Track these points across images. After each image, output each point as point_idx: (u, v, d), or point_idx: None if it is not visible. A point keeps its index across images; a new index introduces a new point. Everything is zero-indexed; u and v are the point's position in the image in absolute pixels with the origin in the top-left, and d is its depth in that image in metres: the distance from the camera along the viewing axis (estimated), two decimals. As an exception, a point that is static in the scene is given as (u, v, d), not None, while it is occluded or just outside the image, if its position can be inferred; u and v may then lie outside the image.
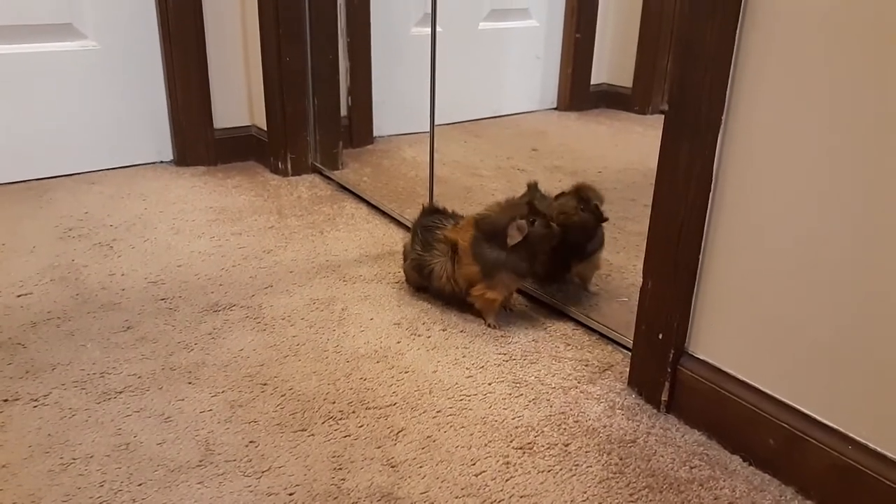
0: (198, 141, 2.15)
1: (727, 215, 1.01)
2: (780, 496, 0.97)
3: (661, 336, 1.11)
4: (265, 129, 2.13)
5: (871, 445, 0.91)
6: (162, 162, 2.17)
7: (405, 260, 1.48)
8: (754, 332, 1.01)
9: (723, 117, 0.98)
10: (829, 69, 0.86)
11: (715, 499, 0.96)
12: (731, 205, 1.00)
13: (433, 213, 1.43)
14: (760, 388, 1.02)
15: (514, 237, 1.28)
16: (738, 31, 0.94)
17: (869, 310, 0.88)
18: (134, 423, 1.07)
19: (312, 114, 2.09)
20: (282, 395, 1.14)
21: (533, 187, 1.54)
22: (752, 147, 0.96)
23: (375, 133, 2.42)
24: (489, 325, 1.35)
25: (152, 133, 2.14)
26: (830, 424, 0.95)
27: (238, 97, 2.19)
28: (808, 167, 0.91)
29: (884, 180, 0.84)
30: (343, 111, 2.27)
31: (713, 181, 1.01)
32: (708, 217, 1.03)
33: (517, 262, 1.30)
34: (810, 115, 0.89)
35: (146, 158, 2.15)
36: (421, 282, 1.44)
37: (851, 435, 0.92)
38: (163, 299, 1.41)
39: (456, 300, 1.40)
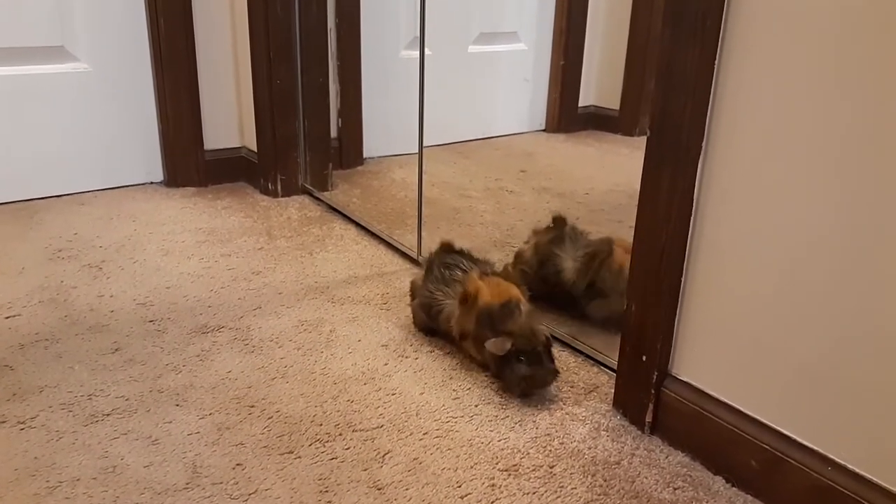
0: (188, 162, 2.16)
1: (708, 240, 1.03)
2: (762, 517, 0.98)
3: (644, 358, 1.12)
4: (255, 150, 2.15)
5: (850, 467, 0.92)
6: (152, 183, 2.18)
7: (412, 298, 1.42)
8: (736, 355, 1.03)
9: (703, 144, 1.00)
10: (808, 99, 0.89)
11: (698, 520, 0.97)
12: (712, 230, 1.02)
13: (452, 252, 1.39)
14: (742, 409, 1.03)
15: (492, 345, 1.19)
16: (717, 60, 0.97)
17: (848, 333, 0.90)
18: (121, 445, 1.07)
19: (302, 135, 2.11)
20: (269, 418, 1.14)
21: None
22: (733, 174, 0.98)
23: (365, 154, 2.44)
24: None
25: (143, 154, 2.15)
26: (810, 446, 0.96)
27: (228, 119, 2.21)
28: (787, 195, 0.93)
29: (863, 208, 0.86)
30: (333, 133, 2.29)
31: (694, 207, 1.03)
32: (689, 242, 1.05)
33: (494, 363, 1.23)
34: (790, 142, 0.91)
35: (136, 179, 2.16)
36: (428, 322, 1.37)
37: (831, 456, 0.94)
38: (151, 321, 1.42)
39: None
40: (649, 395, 1.12)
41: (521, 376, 1.19)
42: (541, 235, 1.53)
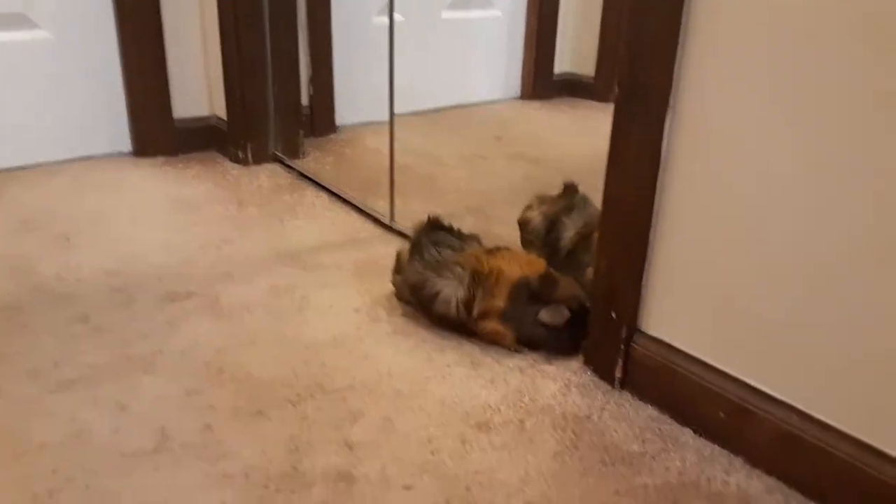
0: (156, 131, 2.12)
1: (676, 196, 1.03)
2: (730, 466, 0.99)
3: (614, 315, 1.13)
4: (225, 118, 2.11)
5: (815, 415, 0.93)
6: (120, 153, 2.14)
7: (396, 272, 1.35)
8: (704, 309, 1.03)
9: (670, 99, 0.99)
10: (774, 53, 0.88)
11: (666, 470, 0.98)
12: (679, 186, 1.02)
13: (441, 229, 1.32)
14: (710, 362, 1.04)
15: (551, 317, 1.20)
16: (684, 15, 0.96)
17: (811, 285, 0.90)
18: (88, 411, 1.06)
19: (272, 102, 2.08)
20: (239, 381, 1.13)
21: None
22: (700, 129, 0.98)
23: (338, 122, 2.41)
24: (513, 350, 1.24)
25: (110, 124, 2.10)
26: (776, 396, 0.97)
27: (197, 86, 2.17)
28: (754, 149, 0.93)
29: (830, 161, 0.86)
30: (304, 100, 2.26)
31: (661, 162, 1.02)
32: (657, 197, 1.04)
33: (536, 334, 1.22)
34: (756, 97, 0.91)
35: (104, 150, 2.12)
36: (412, 301, 1.31)
37: (796, 405, 0.95)
38: (119, 289, 1.40)
39: (458, 329, 1.26)
40: (619, 351, 1.13)
41: (579, 340, 1.21)
42: (550, 204, 1.48)
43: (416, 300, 1.29)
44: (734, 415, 1.01)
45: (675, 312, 1.08)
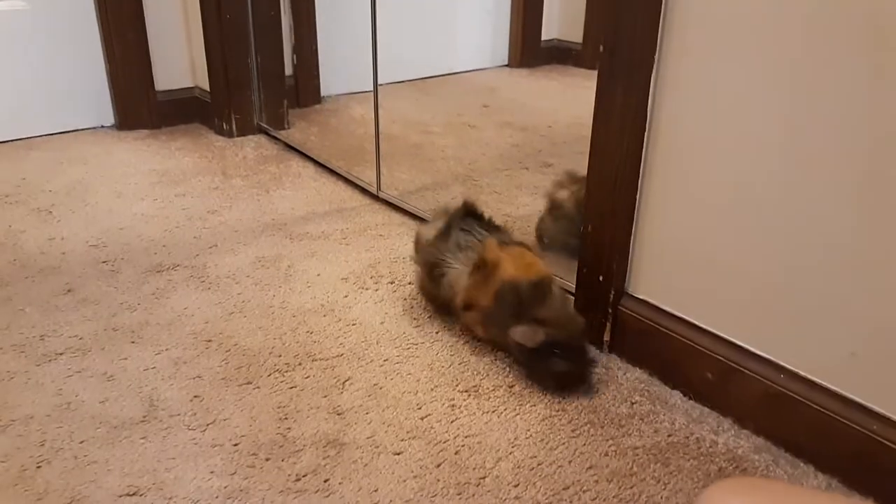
0: (139, 104, 2.09)
1: (661, 157, 1.02)
2: (718, 426, 1.00)
3: (601, 278, 1.12)
4: (208, 89, 2.08)
5: (802, 373, 0.94)
6: (103, 127, 2.11)
7: (417, 248, 1.27)
8: (691, 271, 1.03)
9: (655, 59, 0.98)
10: (759, 10, 0.87)
11: (655, 431, 0.98)
12: (664, 147, 1.01)
13: (475, 217, 1.22)
14: (698, 323, 1.04)
15: (520, 334, 1.04)
16: (668, -30, 0.94)
17: (797, 244, 0.90)
18: (75, 383, 1.05)
19: (256, 73, 2.05)
20: (227, 351, 1.13)
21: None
22: (685, 89, 0.97)
23: (323, 92, 2.39)
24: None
25: (91, 97, 2.07)
26: (763, 355, 0.97)
27: (179, 58, 2.13)
28: (739, 109, 0.92)
29: (811, 117, 0.85)
30: (288, 70, 2.23)
31: (647, 123, 1.01)
32: (643, 159, 1.04)
33: (514, 348, 1.07)
34: (742, 55, 0.90)
35: (86, 123, 2.09)
36: (429, 285, 1.21)
37: (783, 364, 0.95)
38: (104, 262, 1.39)
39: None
40: (606, 315, 1.13)
41: (558, 373, 1.04)
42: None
43: (430, 280, 1.20)
44: (722, 375, 1.01)
45: (662, 275, 1.07)
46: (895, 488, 0.85)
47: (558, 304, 1.07)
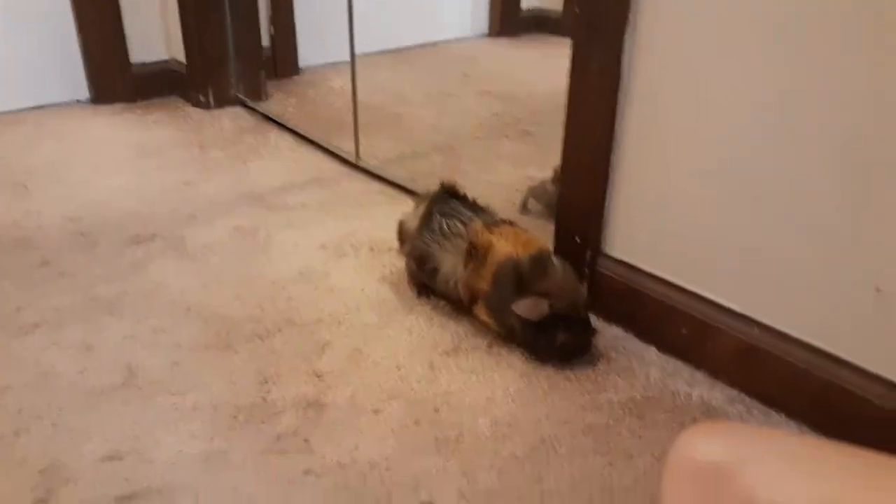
0: (114, 77, 2.06)
1: (636, 119, 1.02)
2: (692, 379, 1.01)
3: (577, 239, 1.13)
4: (184, 61, 2.06)
5: (775, 326, 0.95)
6: (78, 101, 2.08)
7: (401, 243, 1.23)
8: (666, 229, 1.04)
9: (629, 15, 0.98)
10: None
11: (630, 386, 1.00)
12: (638, 108, 1.01)
13: (454, 198, 1.17)
14: (673, 281, 1.05)
15: (524, 308, 1.01)
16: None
17: (770, 201, 0.91)
18: (53, 354, 1.05)
19: (232, 44, 2.02)
20: (205, 319, 1.13)
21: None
22: (658, 50, 0.97)
23: (301, 63, 2.37)
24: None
25: (65, 71, 2.04)
26: (737, 310, 0.99)
27: (154, 29, 2.10)
28: (713, 65, 0.92)
29: (786, 79, 0.86)
30: (265, 41, 2.21)
31: (621, 85, 1.01)
32: (617, 119, 1.04)
33: (518, 326, 1.03)
34: (713, 17, 0.90)
35: (61, 98, 2.06)
36: (420, 277, 1.17)
37: (755, 317, 0.97)
38: (82, 234, 1.38)
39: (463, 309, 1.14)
40: (584, 275, 1.13)
41: (562, 344, 1.01)
42: None
43: (426, 277, 1.15)
44: (697, 330, 1.02)
45: (638, 233, 1.08)
46: (862, 433, 0.86)
47: (560, 275, 1.03)
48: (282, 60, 2.29)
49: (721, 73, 0.91)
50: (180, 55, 2.07)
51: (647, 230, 1.07)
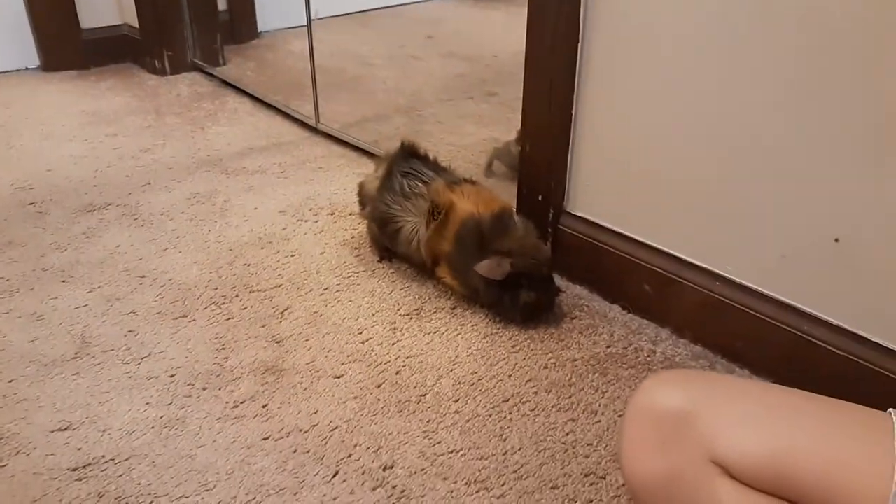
0: (64, 44, 1.99)
1: (597, 69, 1.00)
2: (657, 336, 1.01)
3: (540, 198, 1.12)
4: (137, 26, 1.99)
5: (736, 279, 0.95)
6: (27, 69, 2.01)
7: (362, 206, 1.19)
8: (628, 185, 1.03)
9: (587, -35, 0.96)
10: None
11: (594, 343, 0.99)
12: (599, 57, 0.99)
13: (414, 157, 1.14)
14: (636, 237, 1.05)
15: (486, 269, 0.99)
16: None
17: (729, 155, 0.90)
18: (3, 324, 1.02)
19: (187, 7, 1.96)
20: (161, 286, 1.10)
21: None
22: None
23: (260, 28, 2.31)
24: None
25: (12, 38, 1.97)
26: (700, 264, 0.98)
27: (104, -7, 2.03)
28: (670, 20, 0.90)
29: (746, 29, 0.84)
30: (223, 6, 2.14)
31: (581, 32, 0.99)
32: (577, 72, 1.02)
33: (481, 287, 1.02)
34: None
35: (9, 66, 1.99)
36: (382, 240, 1.15)
37: (718, 272, 0.96)
38: (31, 203, 1.33)
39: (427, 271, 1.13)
40: (546, 233, 1.12)
41: (525, 303, 1.00)
42: None
43: (387, 238, 1.13)
44: (660, 287, 1.02)
45: (600, 190, 1.07)
46: (825, 384, 0.87)
47: (522, 233, 1.02)
48: (240, 24, 2.23)
49: (679, 22, 0.89)
50: (133, 20, 2.00)
51: (609, 187, 1.05)
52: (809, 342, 0.88)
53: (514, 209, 1.09)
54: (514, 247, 1.00)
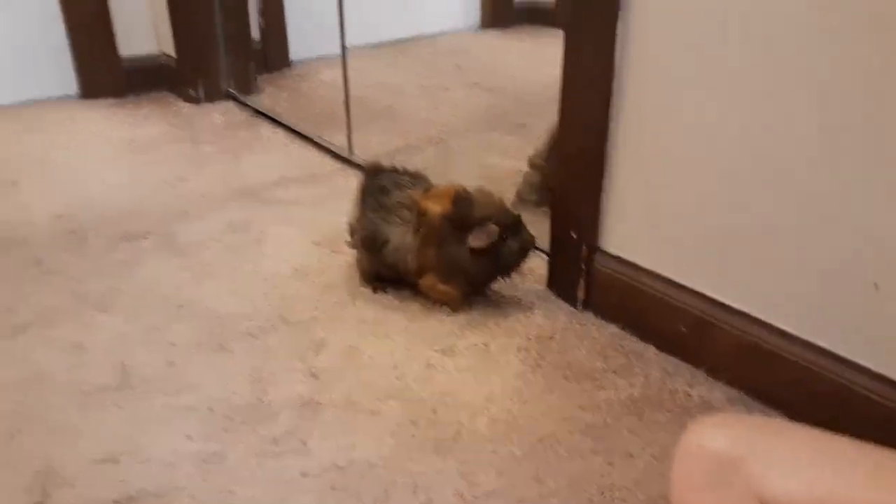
0: (103, 72, 2.04)
1: (631, 107, 1.01)
2: (692, 378, 1.01)
3: (574, 235, 1.12)
4: (174, 55, 2.04)
5: (772, 322, 0.95)
6: (67, 96, 2.05)
7: (352, 235, 1.19)
8: (663, 225, 1.03)
9: (619, 10, 0.97)
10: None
11: (629, 385, 0.99)
12: (634, 96, 1.00)
13: (384, 172, 1.17)
14: (671, 277, 1.05)
15: (478, 240, 1.06)
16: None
17: (766, 197, 0.90)
18: (46, 353, 1.04)
19: (222, 37, 2.00)
20: (199, 317, 1.12)
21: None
22: (652, 37, 0.96)
23: (293, 57, 2.35)
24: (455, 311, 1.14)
25: (53, 65, 2.01)
26: (736, 307, 0.98)
27: (143, 22, 2.08)
28: (703, 58, 0.91)
29: (780, 76, 0.85)
30: (256, 34, 2.18)
31: (615, 72, 1.00)
32: (612, 113, 1.03)
33: (476, 267, 1.09)
34: (704, 10, 0.89)
35: (49, 93, 2.04)
36: (374, 265, 1.16)
37: (753, 314, 0.96)
38: (72, 232, 1.36)
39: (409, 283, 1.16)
40: (580, 272, 1.13)
41: (517, 250, 1.09)
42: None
43: (377, 256, 1.14)
44: (695, 328, 1.02)
45: (635, 229, 1.07)
46: (865, 432, 0.86)
47: (483, 197, 1.10)
48: (272, 54, 2.27)
49: (716, 64, 0.90)
50: (170, 49, 2.05)
51: (643, 225, 1.06)
52: (849, 388, 0.87)
53: (463, 187, 1.12)
54: (487, 212, 1.08)
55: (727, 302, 0.99)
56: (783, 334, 0.94)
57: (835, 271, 0.87)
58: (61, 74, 2.03)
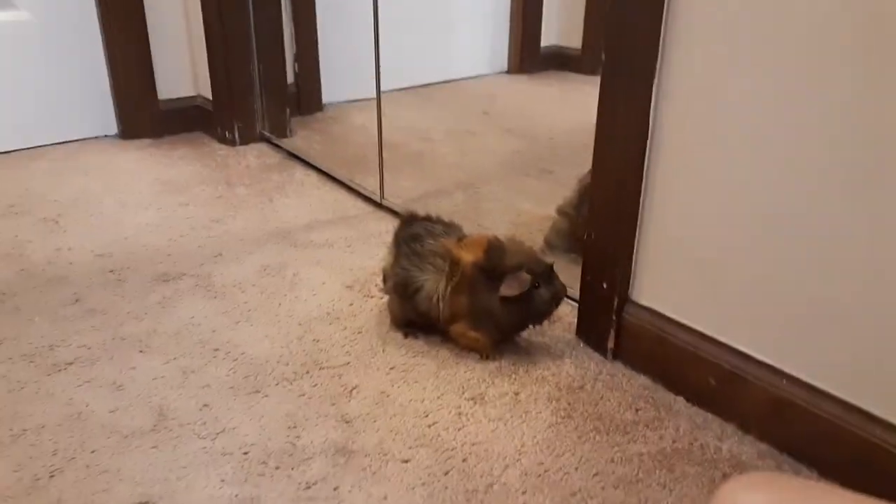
0: (142, 113, 2.10)
1: (664, 165, 1.03)
2: (722, 432, 1.01)
3: (605, 286, 1.14)
4: (210, 98, 2.10)
5: (804, 379, 0.95)
6: (106, 136, 2.12)
7: (385, 283, 1.23)
8: (694, 277, 1.05)
9: (657, 63, 0.99)
10: (753, 15, 0.89)
11: (659, 437, 0.99)
12: (668, 153, 1.02)
13: (418, 221, 1.20)
14: (701, 330, 1.06)
15: (510, 288, 1.08)
16: (670, -18, 0.96)
17: (798, 251, 0.91)
18: (85, 392, 1.06)
19: (258, 81, 2.06)
20: (234, 360, 1.14)
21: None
22: (687, 94, 0.98)
23: (325, 100, 2.40)
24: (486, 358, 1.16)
25: (94, 106, 2.08)
26: (766, 361, 0.99)
27: (182, 66, 2.15)
28: (739, 115, 0.93)
29: (813, 130, 0.86)
30: (290, 78, 2.24)
31: (650, 128, 1.03)
32: (646, 167, 1.05)
33: (507, 315, 1.12)
34: (740, 64, 0.91)
35: (89, 133, 2.10)
36: (406, 311, 1.18)
37: (786, 370, 0.97)
38: (111, 271, 1.40)
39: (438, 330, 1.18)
40: (611, 322, 1.14)
41: (549, 299, 1.11)
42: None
43: (409, 303, 1.16)
44: (725, 381, 1.02)
45: (666, 281, 1.09)
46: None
47: (514, 245, 1.13)
48: (306, 97, 2.33)
49: (750, 119, 0.92)
50: (207, 92, 2.11)
51: (676, 277, 1.07)
52: (882, 448, 0.87)
53: (495, 236, 1.15)
54: (518, 259, 1.10)
55: (758, 356, 0.99)
56: (814, 390, 0.94)
57: (868, 327, 0.87)
58: (103, 115, 2.09)
